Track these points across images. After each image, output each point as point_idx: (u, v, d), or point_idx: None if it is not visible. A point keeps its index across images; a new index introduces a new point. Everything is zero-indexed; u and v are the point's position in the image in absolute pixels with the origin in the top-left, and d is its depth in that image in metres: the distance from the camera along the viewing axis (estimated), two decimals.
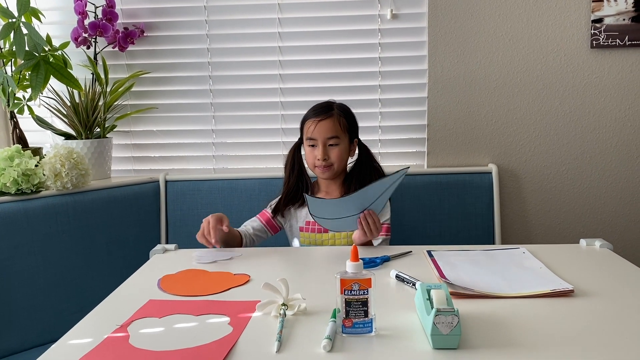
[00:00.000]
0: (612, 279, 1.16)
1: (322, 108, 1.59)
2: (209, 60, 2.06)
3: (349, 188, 1.62)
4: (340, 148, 1.57)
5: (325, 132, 1.55)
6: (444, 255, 1.32)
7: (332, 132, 1.56)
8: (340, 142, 1.57)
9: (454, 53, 1.98)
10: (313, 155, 1.58)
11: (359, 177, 1.62)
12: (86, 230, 1.76)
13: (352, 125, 1.62)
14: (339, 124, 1.57)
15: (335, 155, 1.57)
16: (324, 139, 1.56)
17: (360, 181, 1.61)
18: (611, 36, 1.92)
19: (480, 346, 0.86)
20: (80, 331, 0.98)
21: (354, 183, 1.61)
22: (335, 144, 1.57)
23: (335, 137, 1.56)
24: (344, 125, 1.58)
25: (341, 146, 1.58)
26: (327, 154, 1.56)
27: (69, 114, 1.89)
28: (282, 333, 0.91)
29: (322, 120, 1.56)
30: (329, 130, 1.56)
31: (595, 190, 2.02)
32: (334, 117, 1.57)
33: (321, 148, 1.56)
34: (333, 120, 1.56)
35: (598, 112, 1.98)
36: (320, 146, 1.56)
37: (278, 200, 1.65)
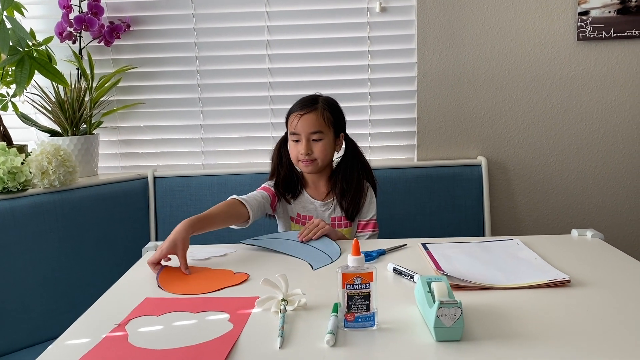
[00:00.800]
0: (606, 268, 1.17)
1: (306, 102, 1.55)
2: (196, 55, 2.04)
3: (335, 184, 1.60)
4: (324, 143, 1.54)
5: (308, 127, 1.52)
6: (439, 248, 1.33)
7: (316, 126, 1.52)
8: (324, 136, 1.53)
9: (442, 46, 1.98)
10: (297, 150, 1.55)
11: (345, 173, 1.60)
12: (74, 228, 1.73)
13: (337, 120, 1.58)
14: (322, 118, 1.53)
15: (318, 150, 1.53)
16: (307, 133, 1.52)
17: (347, 177, 1.59)
18: (597, 28, 1.93)
19: (482, 338, 0.86)
20: (76, 331, 0.96)
21: (340, 179, 1.59)
22: (318, 139, 1.53)
23: (318, 131, 1.52)
24: (328, 119, 1.54)
25: (325, 141, 1.54)
26: (310, 148, 1.52)
27: (54, 110, 1.86)
28: (283, 329, 0.90)
29: (306, 114, 1.52)
30: (312, 125, 1.52)
31: (583, 181, 2.04)
32: (318, 110, 1.53)
33: (304, 143, 1.52)
34: (317, 114, 1.53)
35: (585, 104, 2.00)
36: (304, 141, 1.52)
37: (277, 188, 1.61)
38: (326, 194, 1.62)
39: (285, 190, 1.61)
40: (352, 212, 1.58)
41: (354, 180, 1.59)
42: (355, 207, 1.58)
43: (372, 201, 1.62)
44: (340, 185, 1.59)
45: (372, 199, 1.62)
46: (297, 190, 1.62)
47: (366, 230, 1.59)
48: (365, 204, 1.60)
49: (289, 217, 1.63)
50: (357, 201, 1.58)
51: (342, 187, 1.58)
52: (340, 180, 1.59)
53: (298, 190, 1.62)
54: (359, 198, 1.59)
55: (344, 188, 1.58)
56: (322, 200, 1.61)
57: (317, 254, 1.33)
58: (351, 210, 1.58)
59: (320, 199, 1.61)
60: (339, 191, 1.59)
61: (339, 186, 1.59)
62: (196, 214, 1.94)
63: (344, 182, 1.59)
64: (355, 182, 1.59)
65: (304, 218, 1.60)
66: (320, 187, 1.63)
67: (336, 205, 1.60)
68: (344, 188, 1.58)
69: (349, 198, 1.57)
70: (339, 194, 1.59)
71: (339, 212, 1.59)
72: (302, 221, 1.60)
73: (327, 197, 1.62)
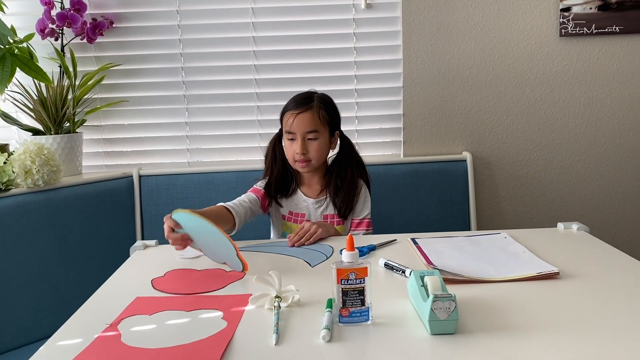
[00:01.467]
0: (593, 261, 1.19)
1: (302, 100, 1.55)
2: (181, 52, 2.02)
3: (329, 182, 1.60)
4: (319, 142, 1.53)
5: (304, 126, 1.51)
6: (429, 243, 1.34)
7: (311, 125, 1.51)
8: (320, 135, 1.53)
9: (427, 42, 1.99)
10: (292, 149, 1.53)
11: (339, 171, 1.60)
12: (59, 228, 1.71)
13: (333, 118, 1.57)
14: (318, 117, 1.52)
15: (314, 149, 1.52)
16: (302, 132, 1.51)
17: (341, 174, 1.59)
18: (579, 24, 1.96)
19: (475, 330, 0.87)
20: (68, 331, 0.95)
21: (334, 177, 1.59)
22: (314, 138, 1.52)
23: (314, 131, 1.51)
24: (324, 118, 1.53)
25: (320, 140, 1.53)
26: (306, 148, 1.52)
27: (37, 109, 1.83)
28: (278, 325, 0.90)
29: (301, 113, 1.51)
30: (308, 124, 1.51)
31: (566, 175, 2.08)
32: (314, 109, 1.52)
33: (300, 142, 1.51)
34: (312, 113, 1.51)
35: (567, 99, 2.03)
36: (299, 140, 1.51)
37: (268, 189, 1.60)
38: (320, 191, 1.62)
39: (278, 190, 1.60)
40: (345, 210, 1.58)
41: (347, 178, 1.58)
42: (348, 205, 1.57)
43: (366, 200, 1.61)
44: (334, 182, 1.58)
45: (366, 197, 1.62)
46: (290, 188, 1.61)
47: (360, 229, 1.59)
48: (359, 202, 1.60)
49: (280, 215, 1.63)
50: (350, 199, 1.58)
51: (336, 184, 1.58)
52: (334, 178, 1.59)
53: (292, 188, 1.61)
54: (352, 196, 1.58)
55: (337, 185, 1.58)
56: (315, 198, 1.61)
57: (310, 252, 1.33)
58: (344, 208, 1.57)
59: (314, 196, 1.61)
60: (332, 189, 1.58)
61: (333, 184, 1.58)
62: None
63: (338, 179, 1.58)
64: (349, 179, 1.58)
65: (295, 215, 1.60)
66: (314, 184, 1.62)
67: (329, 202, 1.60)
68: (337, 185, 1.58)
69: (342, 195, 1.57)
70: (333, 192, 1.58)
71: (332, 209, 1.59)
72: (294, 219, 1.60)
73: (320, 194, 1.61)
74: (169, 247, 1.41)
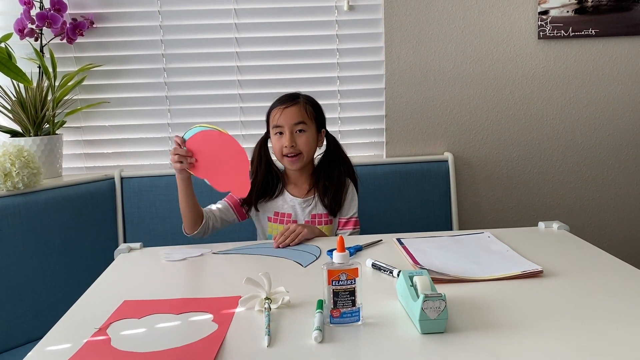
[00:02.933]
0: (574, 259, 1.22)
1: (288, 97, 1.59)
2: (162, 52, 2.00)
3: (317, 181, 1.62)
4: (307, 135, 1.55)
5: (291, 118, 1.54)
6: (414, 242, 1.35)
7: (299, 117, 1.54)
8: (307, 129, 1.56)
9: (409, 44, 2.01)
10: (280, 144, 1.55)
11: (327, 170, 1.62)
12: (40, 232, 1.68)
13: (318, 115, 1.61)
14: (305, 111, 1.56)
15: (302, 142, 1.55)
16: (290, 125, 1.54)
17: (329, 173, 1.61)
18: (556, 27, 2.01)
19: (464, 329, 0.89)
20: (56, 336, 0.93)
21: (322, 175, 1.61)
22: (302, 130, 1.55)
23: (301, 122, 1.54)
24: (310, 112, 1.57)
25: (308, 133, 1.56)
26: (295, 140, 1.54)
27: (16, 110, 1.79)
28: (270, 327, 0.91)
29: (288, 107, 1.55)
30: (295, 116, 1.54)
31: (545, 175, 2.12)
32: (300, 104, 1.56)
33: (288, 135, 1.53)
34: (299, 107, 1.56)
35: (545, 101, 2.07)
36: (287, 133, 1.54)
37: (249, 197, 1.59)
38: (307, 190, 1.63)
39: (261, 194, 1.60)
40: (334, 207, 1.59)
41: (335, 176, 1.60)
42: (337, 202, 1.59)
43: (353, 199, 1.63)
44: (323, 181, 1.60)
45: (353, 196, 1.64)
46: (276, 190, 1.62)
47: (347, 228, 1.61)
48: (347, 202, 1.62)
49: (265, 217, 1.63)
50: (338, 196, 1.60)
51: (324, 183, 1.60)
52: (322, 177, 1.61)
53: (278, 189, 1.62)
54: (340, 193, 1.60)
55: (325, 185, 1.59)
56: (303, 198, 1.61)
57: (298, 253, 1.33)
58: (333, 205, 1.59)
59: (301, 196, 1.62)
60: (321, 187, 1.60)
61: (322, 182, 1.60)
62: (166, 214, 1.94)
63: (325, 178, 1.60)
64: (337, 177, 1.60)
65: (282, 216, 1.60)
66: (301, 184, 1.63)
67: (317, 202, 1.60)
68: (325, 185, 1.59)
69: (330, 194, 1.59)
70: (321, 191, 1.60)
71: (320, 209, 1.60)
72: (280, 219, 1.60)
73: (307, 194, 1.62)
74: (154, 250, 1.41)
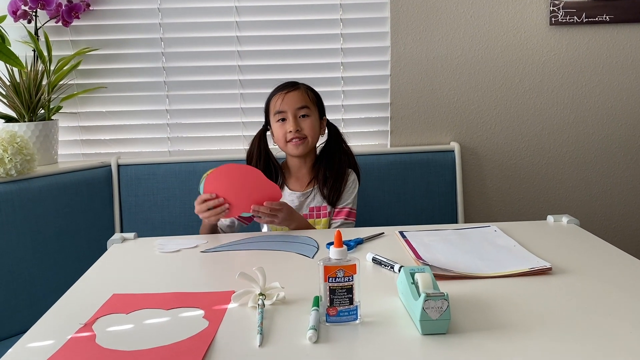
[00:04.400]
0: (584, 255, 1.17)
1: (288, 83, 1.56)
2: (161, 36, 1.95)
3: (317, 172, 1.57)
4: (311, 120, 1.52)
5: (294, 103, 1.50)
6: (417, 236, 1.30)
7: (302, 101, 1.51)
8: (311, 113, 1.52)
9: (416, 30, 1.94)
10: (284, 130, 1.51)
11: (328, 161, 1.57)
12: (33, 220, 1.64)
13: (320, 102, 1.58)
14: (307, 95, 1.53)
15: (307, 126, 1.51)
16: (293, 109, 1.50)
17: (329, 163, 1.56)
18: (569, 13, 1.93)
19: (468, 330, 0.84)
20: (39, 332, 0.89)
21: (323, 166, 1.56)
22: (306, 115, 1.51)
23: (305, 107, 1.51)
24: (312, 98, 1.54)
25: (312, 118, 1.52)
26: (299, 125, 1.50)
27: (9, 95, 1.75)
28: (262, 325, 0.86)
29: (290, 92, 1.51)
30: (299, 100, 1.50)
31: (554, 167, 2.05)
32: (302, 89, 1.53)
33: (292, 119, 1.49)
34: (301, 91, 1.52)
35: (556, 89, 2.01)
36: (291, 117, 1.49)
37: None
38: (307, 183, 1.58)
39: None
40: (333, 197, 1.54)
41: (335, 166, 1.56)
42: (336, 192, 1.54)
43: (350, 190, 1.58)
44: (323, 172, 1.55)
45: (352, 188, 1.58)
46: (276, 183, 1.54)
47: (338, 218, 1.55)
48: (345, 192, 1.57)
49: None
50: (337, 187, 1.55)
51: (324, 174, 1.55)
52: (323, 167, 1.56)
53: (278, 184, 1.55)
54: (339, 184, 1.55)
55: (326, 175, 1.55)
56: (302, 191, 1.56)
57: (299, 246, 1.28)
58: (332, 196, 1.54)
59: (301, 189, 1.57)
60: (321, 178, 1.55)
61: (322, 173, 1.55)
62: (163, 202, 1.90)
63: (326, 168, 1.56)
64: (337, 167, 1.56)
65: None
66: (302, 176, 1.59)
67: (316, 193, 1.55)
68: (326, 175, 1.55)
69: (329, 184, 1.54)
70: (322, 181, 1.55)
71: (319, 200, 1.55)
72: None
73: (307, 186, 1.57)
74: (148, 240, 1.37)
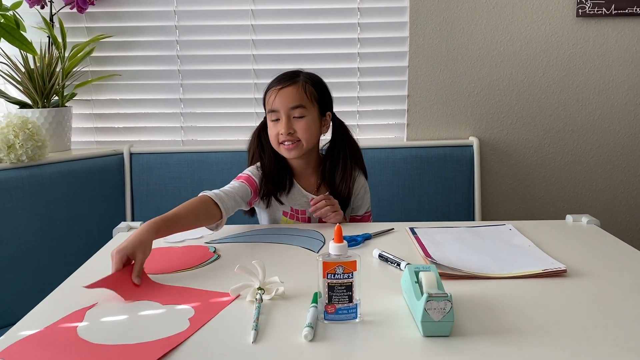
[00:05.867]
0: (604, 257, 1.11)
1: (285, 75, 1.37)
2: (176, 24, 1.93)
3: (323, 175, 1.43)
4: (307, 120, 1.34)
5: (287, 101, 1.33)
6: (428, 233, 1.26)
7: (296, 100, 1.33)
8: (307, 113, 1.34)
9: (436, 20, 1.89)
10: (276, 130, 1.34)
11: (333, 160, 1.43)
12: (44, 206, 1.64)
13: (322, 96, 1.39)
14: (304, 91, 1.34)
15: (301, 128, 1.33)
16: (286, 109, 1.33)
17: (336, 165, 1.42)
18: (597, 4, 1.85)
19: (473, 333, 0.80)
20: (33, 320, 0.88)
21: (328, 168, 1.42)
22: (300, 116, 1.33)
23: (300, 106, 1.33)
24: (311, 93, 1.35)
25: (308, 118, 1.34)
26: (292, 127, 1.33)
27: (23, 81, 1.75)
28: (258, 321, 0.83)
29: (284, 87, 1.33)
30: (293, 99, 1.33)
31: (577, 165, 1.98)
32: (299, 84, 1.34)
33: (284, 120, 1.33)
34: (297, 87, 1.34)
35: (582, 84, 1.93)
36: (284, 118, 1.33)
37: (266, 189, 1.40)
38: (317, 184, 1.44)
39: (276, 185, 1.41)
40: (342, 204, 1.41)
41: (340, 168, 1.42)
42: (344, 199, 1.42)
43: (365, 196, 1.47)
44: (329, 175, 1.42)
45: (366, 193, 1.47)
46: (286, 182, 1.42)
47: None
48: (358, 198, 1.45)
49: (280, 211, 1.44)
50: (346, 189, 1.42)
51: (331, 175, 1.42)
52: (329, 170, 1.42)
53: (289, 181, 1.42)
54: (348, 184, 1.41)
55: (333, 177, 1.42)
56: (315, 193, 1.43)
57: (305, 239, 1.24)
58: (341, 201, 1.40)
59: (312, 190, 1.44)
60: (329, 182, 1.42)
61: (328, 175, 1.42)
62: (174, 192, 1.88)
63: (333, 170, 1.42)
64: (342, 168, 1.42)
65: (295, 212, 1.43)
66: (308, 176, 1.45)
67: None
68: (333, 177, 1.42)
69: (340, 188, 1.41)
70: (329, 186, 1.42)
71: None
72: (296, 216, 1.44)
73: (319, 189, 1.44)
74: None
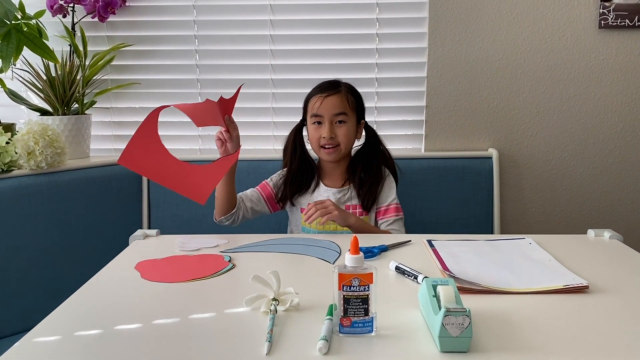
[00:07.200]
0: (627, 273, 1.08)
1: (329, 84, 1.50)
2: (195, 34, 1.94)
3: (353, 175, 1.53)
4: (347, 127, 1.48)
5: (332, 108, 1.46)
6: (446, 246, 1.24)
7: (340, 108, 1.47)
8: (348, 120, 1.48)
9: (455, 31, 1.87)
10: (318, 134, 1.48)
11: (364, 162, 1.54)
12: (62, 213, 1.65)
13: (359, 105, 1.53)
14: (347, 100, 1.48)
15: (342, 133, 1.47)
16: (330, 115, 1.46)
17: (366, 167, 1.53)
18: (620, 16, 1.82)
19: (491, 349, 0.78)
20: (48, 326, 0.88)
21: (359, 169, 1.53)
22: (342, 122, 1.47)
23: (342, 113, 1.47)
24: (352, 103, 1.49)
25: (349, 124, 1.48)
26: (334, 131, 1.46)
27: (45, 88, 1.77)
28: (272, 332, 0.82)
29: (329, 95, 1.47)
30: (337, 106, 1.46)
31: (599, 178, 1.94)
32: (342, 93, 1.48)
33: (327, 125, 1.46)
34: (341, 96, 1.48)
35: (604, 96, 1.90)
36: (327, 123, 1.46)
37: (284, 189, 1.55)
38: (343, 182, 1.55)
39: (297, 186, 1.54)
40: (368, 202, 1.51)
41: (373, 170, 1.52)
42: (371, 196, 1.51)
43: (390, 187, 1.55)
44: (359, 174, 1.52)
45: (390, 184, 1.55)
46: (312, 181, 1.54)
47: (387, 216, 1.51)
48: (383, 191, 1.53)
49: (299, 209, 1.55)
50: (374, 191, 1.51)
51: (360, 176, 1.52)
52: (359, 170, 1.53)
53: (314, 183, 1.54)
54: (375, 187, 1.52)
55: (361, 178, 1.52)
56: (338, 188, 1.54)
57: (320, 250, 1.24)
58: (367, 199, 1.51)
59: (337, 187, 1.55)
60: (357, 181, 1.52)
61: (357, 176, 1.52)
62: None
63: (362, 172, 1.52)
64: (375, 171, 1.53)
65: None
66: (336, 176, 1.56)
67: (352, 193, 1.53)
68: (361, 178, 1.52)
69: (366, 188, 1.51)
70: (358, 184, 1.52)
71: (356, 200, 1.52)
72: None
73: (343, 185, 1.55)
74: (170, 238, 1.35)
